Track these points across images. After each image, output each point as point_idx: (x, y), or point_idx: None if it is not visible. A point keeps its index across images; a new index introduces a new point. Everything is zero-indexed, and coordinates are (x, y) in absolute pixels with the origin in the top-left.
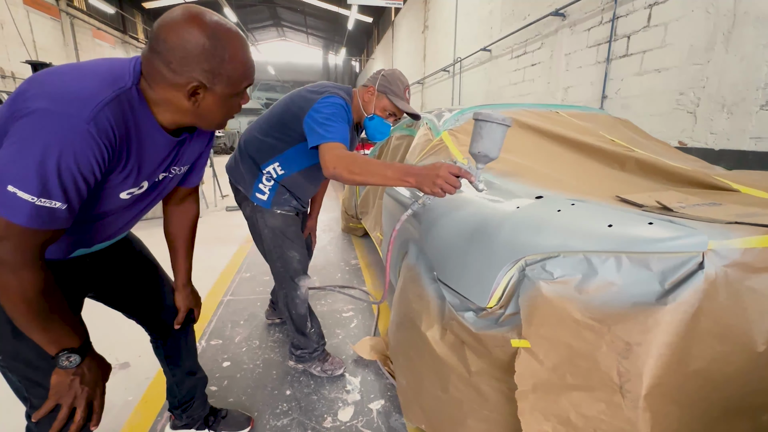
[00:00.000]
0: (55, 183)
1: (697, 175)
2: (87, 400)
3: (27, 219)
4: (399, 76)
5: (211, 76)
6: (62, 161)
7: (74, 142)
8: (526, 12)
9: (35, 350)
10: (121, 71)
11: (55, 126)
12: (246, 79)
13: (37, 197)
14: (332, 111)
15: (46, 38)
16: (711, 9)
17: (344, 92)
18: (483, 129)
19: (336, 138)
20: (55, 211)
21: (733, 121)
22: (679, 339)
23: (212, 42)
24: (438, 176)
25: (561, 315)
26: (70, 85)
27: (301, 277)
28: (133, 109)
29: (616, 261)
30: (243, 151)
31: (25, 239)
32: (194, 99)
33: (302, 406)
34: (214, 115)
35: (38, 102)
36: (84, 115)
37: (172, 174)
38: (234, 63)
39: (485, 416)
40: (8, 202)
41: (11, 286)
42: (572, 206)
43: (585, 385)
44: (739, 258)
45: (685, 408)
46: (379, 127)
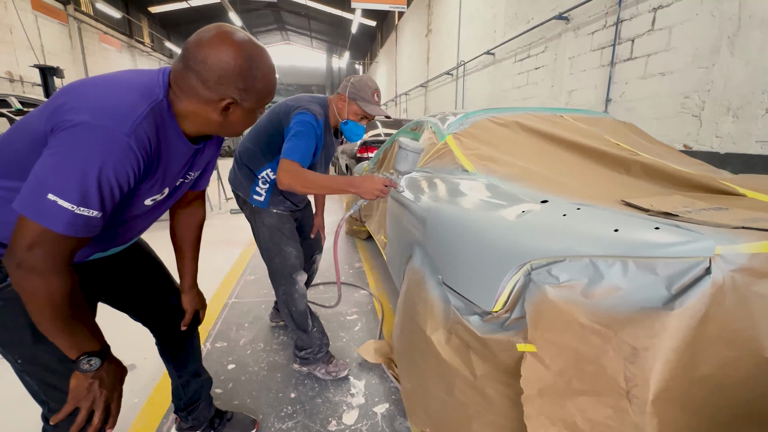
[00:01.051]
0: (95, 193)
1: (703, 180)
2: (105, 403)
3: (65, 227)
4: (366, 82)
5: (244, 93)
6: (103, 173)
7: (115, 155)
8: (529, 15)
9: (53, 354)
10: (152, 84)
11: (97, 139)
12: (271, 95)
13: (77, 206)
14: (299, 129)
15: (54, 42)
16: (716, 13)
17: (317, 104)
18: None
19: (293, 156)
20: (91, 220)
21: (739, 124)
22: (686, 344)
23: (248, 63)
24: (375, 188)
25: (567, 319)
26: (109, 99)
27: (298, 273)
28: (163, 120)
29: (623, 266)
30: (239, 160)
31: (57, 246)
32: (225, 113)
33: (307, 409)
34: (237, 127)
35: (80, 115)
36: (125, 129)
37: (187, 179)
38: (264, 82)
39: (491, 420)
40: (48, 210)
41: (40, 291)
42: (578, 210)
43: (591, 390)
44: (747, 263)
45: (693, 413)
46: (353, 129)
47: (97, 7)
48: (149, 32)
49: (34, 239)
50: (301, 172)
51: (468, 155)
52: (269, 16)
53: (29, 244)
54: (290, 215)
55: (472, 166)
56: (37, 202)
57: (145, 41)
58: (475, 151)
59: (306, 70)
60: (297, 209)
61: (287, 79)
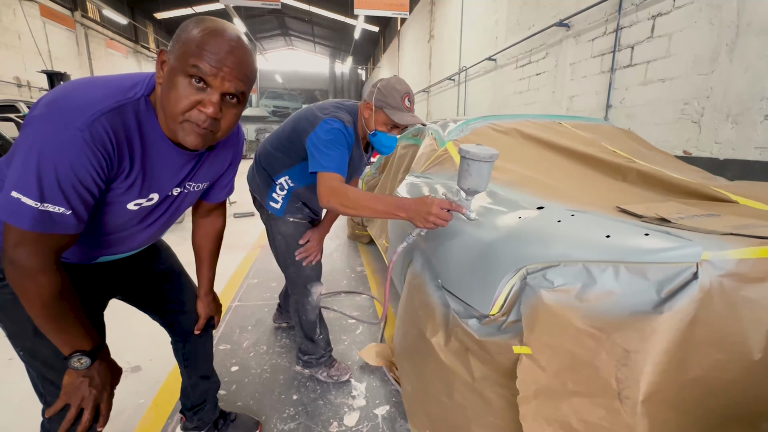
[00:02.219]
0: (55, 188)
1: (697, 187)
2: (94, 402)
3: (30, 223)
4: (394, 85)
5: (172, 45)
6: (59, 167)
7: (68, 149)
8: (531, 22)
9: (51, 350)
10: (135, 83)
11: (49, 133)
12: (197, 56)
13: (39, 202)
14: (330, 137)
15: (61, 48)
16: (714, 20)
17: (347, 112)
18: (471, 166)
19: (331, 168)
20: (59, 216)
21: (738, 130)
22: (675, 347)
23: (192, 21)
24: (430, 213)
25: (562, 322)
26: (73, 95)
27: (313, 284)
28: (139, 119)
29: (615, 270)
30: (258, 163)
31: (38, 244)
32: (161, 71)
33: (309, 410)
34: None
35: (39, 110)
36: (77, 123)
37: (187, 190)
38: (191, 35)
39: (489, 422)
40: (13, 208)
41: (29, 289)
42: (572, 217)
43: (585, 392)
44: (734, 268)
45: (684, 415)
46: (383, 141)
47: (103, 13)
48: (155, 38)
49: (17, 238)
50: (342, 188)
51: None
52: (273, 21)
53: (14, 243)
54: (308, 224)
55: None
56: (6, 201)
57: (150, 47)
58: None
59: (309, 75)
60: (316, 217)
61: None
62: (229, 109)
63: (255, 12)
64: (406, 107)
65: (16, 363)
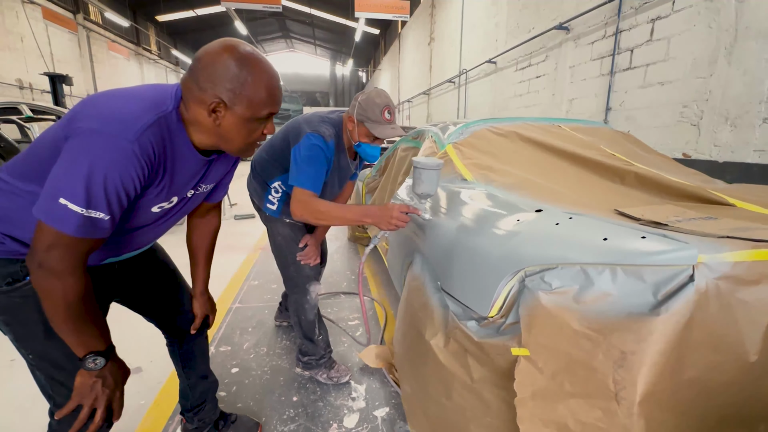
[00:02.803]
0: (102, 196)
1: (695, 190)
2: (107, 401)
3: (75, 229)
4: (374, 99)
5: (232, 95)
6: (108, 177)
7: (119, 160)
8: (530, 25)
9: (62, 352)
10: (164, 96)
11: (102, 145)
12: (267, 106)
13: (85, 209)
14: (308, 154)
15: (63, 50)
16: (713, 24)
17: (330, 125)
18: (422, 174)
19: (306, 185)
20: (99, 222)
21: (737, 133)
22: (671, 348)
23: (239, 66)
24: (392, 216)
25: (559, 324)
26: (117, 108)
27: (311, 283)
28: (171, 131)
29: (612, 273)
30: (254, 168)
31: (72, 248)
32: (215, 116)
33: (309, 412)
34: (234, 136)
35: (88, 123)
36: (129, 136)
37: (199, 191)
38: (256, 87)
39: (488, 423)
40: (59, 213)
41: (56, 290)
42: (570, 220)
43: (582, 393)
44: (730, 271)
45: (681, 416)
46: (368, 151)
47: (105, 15)
48: (156, 40)
49: (51, 241)
50: (313, 203)
51: (467, 164)
52: (274, 24)
53: (47, 246)
54: (303, 225)
55: (471, 175)
56: (51, 207)
57: (152, 49)
58: (474, 161)
59: (310, 77)
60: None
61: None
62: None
63: (256, 14)
64: (386, 119)
65: (18, 364)
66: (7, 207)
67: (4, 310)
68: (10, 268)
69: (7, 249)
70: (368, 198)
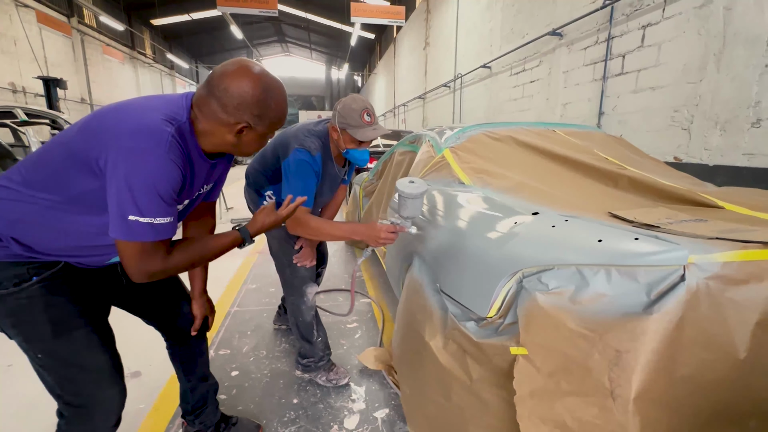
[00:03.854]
0: (162, 204)
1: (686, 193)
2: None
3: (154, 235)
4: (351, 105)
5: (257, 119)
6: (158, 186)
7: (160, 169)
8: (524, 31)
9: (70, 349)
10: (178, 108)
11: (141, 160)
12: (281, 121)
13: (154, 218)
14: (296, 169)
15: (57, 54)
16: (702, 31)
17: (316, 137)
18: (406, 201)
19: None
20: (168, 225)
21: (727, 137)
22: (664, 346)
23: (264, 94)
24: (379, 237)
25: (556, 324)
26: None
27: (308, 285)
28: (185, 139)
29: (606, 273)
30: (248, 178)
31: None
32: (239, 135)
33: (309, 414)
34: (250, 148)
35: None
36: (162, 146)
37: (202, 191)
38: (276, 111)
39: (487, 423)
40: (134, 229)
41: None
42: (566, 222)
43: (579, 391)
44: (719, 271)
45: (674, 413)
46: (356, 156)
47: (100, 19)
48: (151, 44)
49: (136, 254)
50: (305, 219)
51: (464, 168)
52: (270, 28)
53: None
54: None
55: (469, 179)
56: (123, 227)
57: (146, 53)
58: (471, 165)
59: (305, 81)
60: None
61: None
62: None
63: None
64: (366, 122)
65: (15, 369)
66: (13, 212)
67: (12, 312)
68: (17, 270)
69: (13, 252)
70: (365, 201)
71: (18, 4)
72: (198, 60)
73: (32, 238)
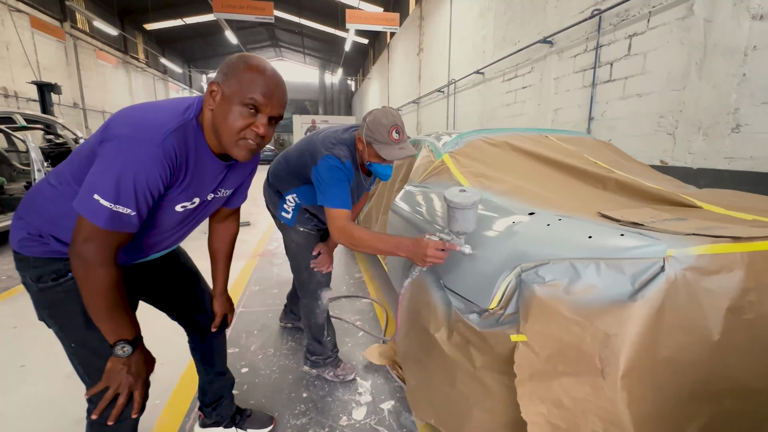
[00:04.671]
0: (130, 193)
1: (668, 195)
2: (129, 388)
3: (105, 221)
4: (380, 119)
5: (225, 77)
6: (137, 177)
7: (146, 162)
8: (516, 38)
9: (100, 341)
10: (187, 107)
11: (132, 149)
12: (252, 90)
13: (113, 204)
14: (330, 176)
15: (50, 59)
16: (684, 41)
17: (345, 146)
18: (456, 213)
19: (337, 204)
20: (126, 217)
21: (709, 142)
22: (648, 330)
23: (240, 59)
24: (426, 255)
25: (552, 313)
26: (146, 118)
27: (323, 289)
28: (192, 136)
29: (596, 266)
30: (269, 180)
31: (105, 240)
32: (211, 100)
33: (319, 407)
34: (222, 123)
35: (121, 130)
36: (155, 140)
37: (218, 195)
38: (248, 73)
39: (489, 407)
40: (93, 207)
41: (91, 279)
42: (559, 221)
43: (573, 372)
44: (695, 263)
45: (658, 390)
46: (379, 170)
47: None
48: (144, 48)
49: (87, 234)
50: (349, 229)
51: (463, 172)
52: (263, 33)
53: (84, 238)
54: (317, 234)
55: (468, 182)
56: (86, 201)
57: (139, 57)
58: (470, 169)
59: (299, 85)
60: (324, 227)
61: None
62: (270, 129)
63: (246, 24)
64: (394, 140)
65: (28, 369)
66: (52, 211)
67: (50, 304)
68: (55, 266)
69: (52, 249)
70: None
71: (11, 9)
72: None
73: (68, 236)
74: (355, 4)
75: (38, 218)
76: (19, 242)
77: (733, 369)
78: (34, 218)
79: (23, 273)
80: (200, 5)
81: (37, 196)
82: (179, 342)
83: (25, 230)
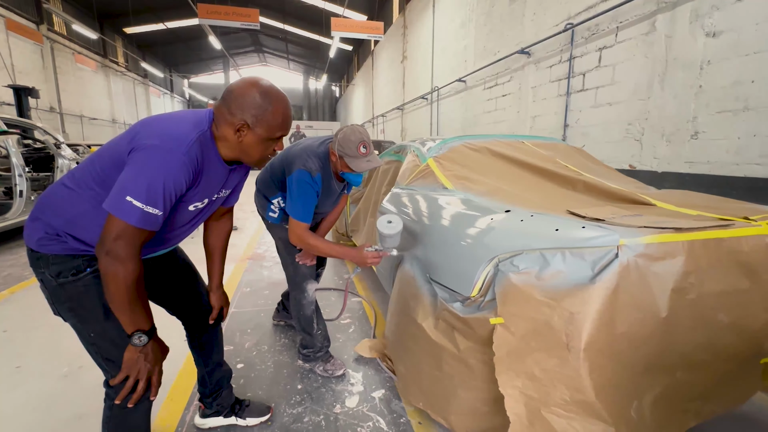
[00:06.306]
0: (159, 196)
1: (628, 194)
2: (148, 374)
3: (137, 221)
4: (349, 136)
5: (255, 120)
6: (166, 181)
7: (174, 168)
8: (496, 49)
9: (118, 331)
10: (201, 119)
11: (163, 157)
12: (280, 129)
13: (145, 205)
14: (299, 190)
15: (25, 62)
16: (648, 54)
17: (318, 158)
18: (385, 238)
19: (299, 217)
20: (154, 217)
21: (671, 147)
22: (605, 308)
23: (263, 98)
24: (366, 260)
25: (526, 297)
26: (171, 128)
27: (308, 281)
28: (206, 145)
29: (562, 255)
30: (258, 185)
31: (134, 237)
32: (239, 134)
33: (313, 397)
34: (253, 151)
35: (152, 140)
36: (182, 149)
37: (220, 195)
38: (275, 116)
39: (473, 385)
40: (125, 208)
41: (119, 274)
42: (531, 217)
43: (544, 347)
44: (644, 251)
45: (617, 364)
46: (351, 178)
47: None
48: (124, 52)
49: (119, 232)
50: (305, 236)
51: (447, 175)
52: (247, 39)
53: (115, 236)
54: None
55: (451, 184)
56: (119, 202)
57: (119, 61)
58: (453, 172)
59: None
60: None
61: None
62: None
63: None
64: (362, 153)
65: (23, 371)
66: (71, 211)
67: (70, 298)
68: (74, 263)
69: (70, 246)
70: (353, 208)
71: None
72: (173, 69)
73: (86, 235)
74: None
75: (56, 219)
76: (37, 241)
77: (680, 344)
78: (52, 219)
79: (41, 270)
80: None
81: (53, 198)
82: (176, 338)
83: (43, 230)
